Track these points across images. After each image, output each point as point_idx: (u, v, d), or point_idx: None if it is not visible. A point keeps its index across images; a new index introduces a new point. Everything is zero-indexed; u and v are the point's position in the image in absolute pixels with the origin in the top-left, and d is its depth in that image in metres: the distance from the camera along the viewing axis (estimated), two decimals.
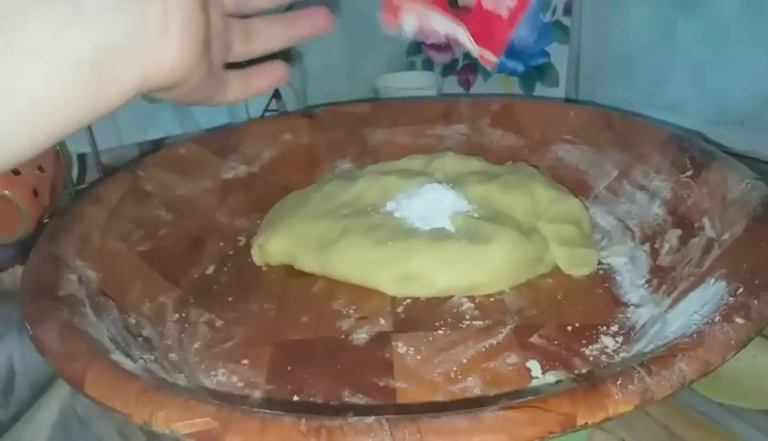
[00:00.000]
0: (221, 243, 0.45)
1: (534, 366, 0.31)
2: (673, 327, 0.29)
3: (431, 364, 0.32)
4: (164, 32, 0.22)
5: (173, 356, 0.33)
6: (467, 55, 0.38)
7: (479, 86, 0.71)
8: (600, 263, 0.40)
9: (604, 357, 0.32)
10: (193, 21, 0.23)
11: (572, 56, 0.65)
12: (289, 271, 0.42)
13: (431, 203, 0.42)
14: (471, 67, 0.72)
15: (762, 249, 0.30)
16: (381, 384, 0.31)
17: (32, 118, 0.20)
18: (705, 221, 0.36)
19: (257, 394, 0.31)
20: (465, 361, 0.32)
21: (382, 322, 0.36)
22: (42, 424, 0.32)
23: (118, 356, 0.26)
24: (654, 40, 0.58)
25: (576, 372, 0.31)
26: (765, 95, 0.52)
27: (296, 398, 0.30)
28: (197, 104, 0.28)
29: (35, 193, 0.48)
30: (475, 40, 0.35)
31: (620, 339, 0.33)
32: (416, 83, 0.68)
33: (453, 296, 0.37)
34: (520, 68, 0.67)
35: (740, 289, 0.27)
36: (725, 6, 0.52)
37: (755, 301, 0.25)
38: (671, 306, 0.32)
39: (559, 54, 0.64)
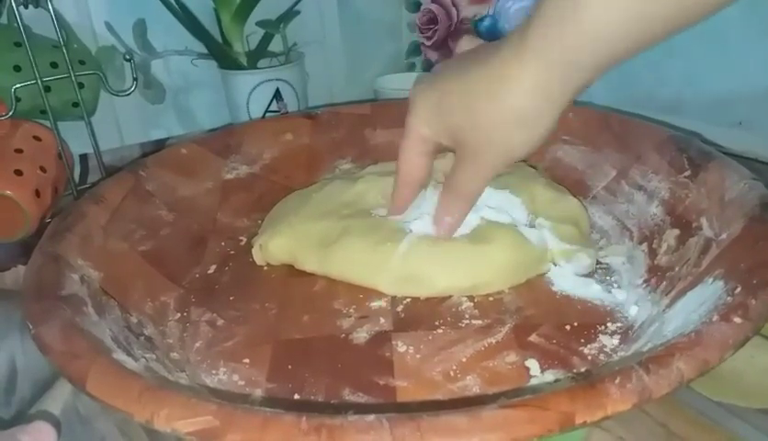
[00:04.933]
0: (223, 243, 0.45)
1: (533, 364, 0.31)
2: (671, 326, 0.29)
3: (431, 362, 0.32)
4: None
5: (174, 355, 0.33)
6: None
7: None
8: (598, 262, 0.40)
9: (602, 356, 0.32)
10: None
11: None
12: (290, 271, 0.42)
13: (431, 203, 0.42)
14: None
15: (760, 249, 0.30)
16: (381, 383, 0.31)
17: None
18: (703, 221, 0.36)
19: (258, 393, 0.31)
20: (464, 360, 0.32)
21: (382, 321, 0.36)
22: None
23: (119, 355, 0.27)
24: None
25: (575, 371, 0.31)
26: (763, 95, 0.52)
27: (297, 396, 0.31)
28: None
29: (37, 193, 0.48)
30: None
31: (618, 338, 0.33)
32: None
33: (452, 295, 0.37)
34: None
35: (738, 289, 0.27)
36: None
37: (753, 301, 0.26)
38: (669, 305, 0.32)
39: None
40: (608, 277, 0.39)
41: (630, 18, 0.25)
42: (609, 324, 0.34)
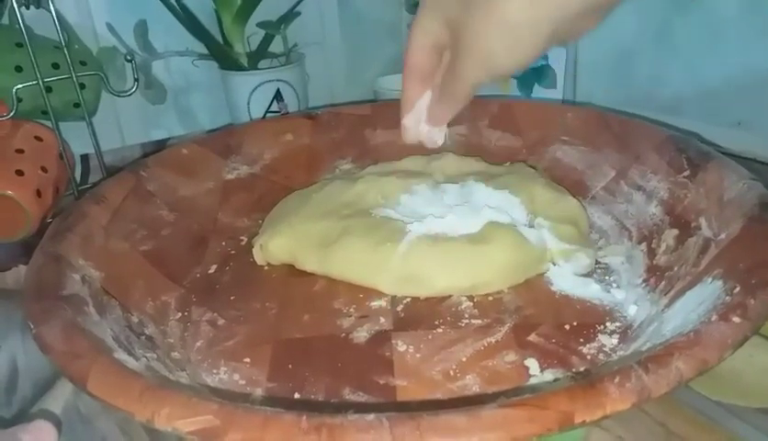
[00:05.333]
0: (223, 243, 0.45)
1: (532, 364, 0.31)
2: (670, 326, 0.29)
3: (430, 362, 0.32)
4: None
5: (175, 354, 0.33)
6: None
7: None
8: (597, 262, 0.40)
9: (601, 356, 0.32)
10: None
11: (570, 58, 0.65)
12: (290, 270, 0.42)
13: (432, 206, 0.42)
14: None
15: (759, 248, 0.30)
16: (381, 382, 0.31)
17: None
18: (702, 221, 0.36)
19: (259, 392, 0.31)
20: (464, 359, 0.32)
21: (382, 320, 0.36)
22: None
23: (120, 355, 0.27)
24: (651, 41, 0.59)
25: (574, 370, 0.31)
26: (762, 95, 0.52)
27: (297, 396, 0.31)
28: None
29: (38, 193, 0.49)
30: None
31: (617, 338, 0.33)
32: None
33: (452, 295, 0.38)
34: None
35: (737, 288, 0.27)
36: (721, 7, 0.52)
37: (752, 300, 0.26)
38: (668, 305, 0.32)
39: (556, 56, 0.65)
40: (607, 277, 0.39)
41: None
42: (608, 324, 0.34)
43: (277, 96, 0.64)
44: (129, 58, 0.55)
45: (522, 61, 0.30)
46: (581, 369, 0.31)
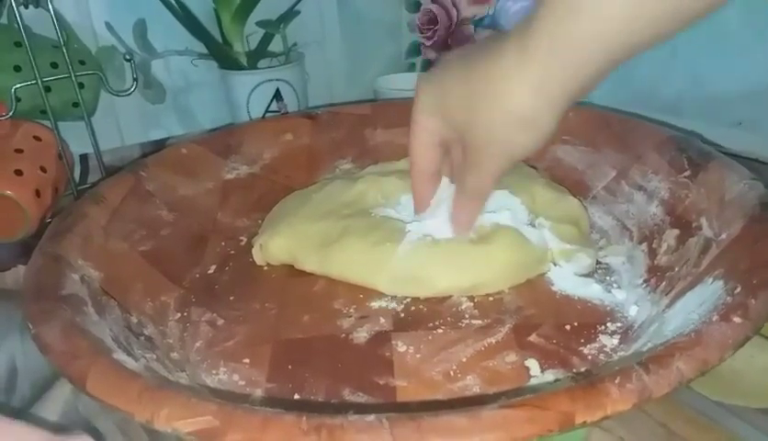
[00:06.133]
0: (223, 243, 0.45)
1: (532, 364, 0.31)
2: (671, 326, 0.29)
3: (430, 362, 0.32)
4: None
5: (174, 354, 0.33)
6: None
7: None
8: (598, 262, 0.40)
9: (602, 356, 0.32)
10: None
11: None
12: (290, 271, 0.42)
13: (431, 204, 0.42)
14: None
15: (760, 248, 0.30)
16: (381, 382, 0.31)
17: None
18: (703, 221, 0.36)
19: (258, 393, 0.31)
20: (464, 360, 0.32)
21: (382, 320, 0.36)
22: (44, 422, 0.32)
23: (120, 355, 0.27)
24: None
25: (574, 371, 0.31)
26: (763, 95, 0.52)
27: (297, 396, 0.31)
28: None
29: (37, 193, 0.49)
30: None
31: (618, 338, 0.33)
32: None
33: (452, 295, 0.37)
34: None
35: (738, 289, 0.27)
36: (723, 7, 0.52)
37: (753, 301, 0.26)
38: (668, 305, 0.32)
39: None
40: (608, 277, 0.39)
41: (631, 16, 0.25)
42: (609, 324, 0.34)
43: (277, 95, 0.64)
44: (128, 57, 0.54)
45: (540, 140, 0.30)
46: (582, 370, 0.31)
